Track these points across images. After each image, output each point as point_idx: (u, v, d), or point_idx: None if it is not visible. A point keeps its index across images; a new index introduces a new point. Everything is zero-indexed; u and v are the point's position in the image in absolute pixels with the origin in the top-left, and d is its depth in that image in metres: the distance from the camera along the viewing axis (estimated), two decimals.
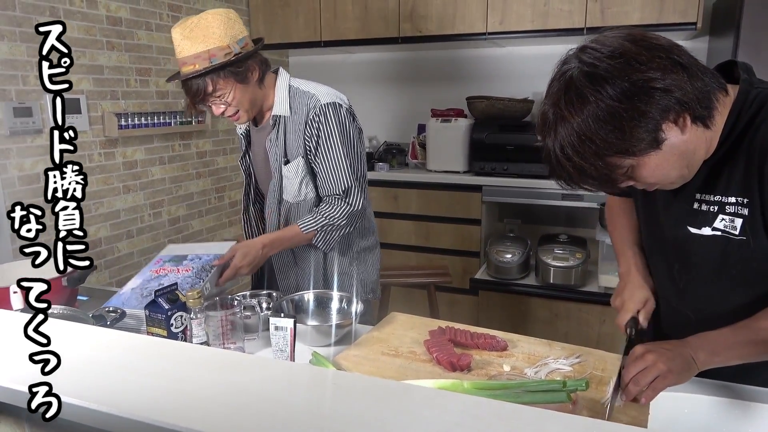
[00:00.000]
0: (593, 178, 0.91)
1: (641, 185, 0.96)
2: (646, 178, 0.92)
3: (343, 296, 1.46)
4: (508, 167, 3.06)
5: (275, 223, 1.67)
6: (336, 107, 1.56)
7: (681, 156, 0.91)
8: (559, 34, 2.95)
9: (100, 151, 2.65)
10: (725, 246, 1.00)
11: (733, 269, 1.02)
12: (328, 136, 1.55)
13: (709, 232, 1.01)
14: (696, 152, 0.94)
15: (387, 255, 3.32)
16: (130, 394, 0.69)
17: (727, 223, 0.99)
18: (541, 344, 1.28)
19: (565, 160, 0.89)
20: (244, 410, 0.66)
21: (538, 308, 2.94)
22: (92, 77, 2.58)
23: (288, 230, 1.61)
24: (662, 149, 0.88)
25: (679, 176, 0.95)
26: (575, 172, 0.90)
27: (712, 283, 1.06)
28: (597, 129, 0.85)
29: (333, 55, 3.80)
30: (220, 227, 3.49)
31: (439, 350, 1.19)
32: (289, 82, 1.60)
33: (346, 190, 1.58)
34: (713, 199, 1.00)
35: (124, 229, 2.82)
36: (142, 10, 2.82)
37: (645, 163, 0.89)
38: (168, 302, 1.22)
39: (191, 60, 1.41)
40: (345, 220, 1.59)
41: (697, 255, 1.05)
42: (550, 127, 0.90)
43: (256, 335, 1.37)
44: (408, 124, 3.68)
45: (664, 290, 1.16)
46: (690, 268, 1.08)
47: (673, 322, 1.17)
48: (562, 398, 0.90)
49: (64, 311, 1.35)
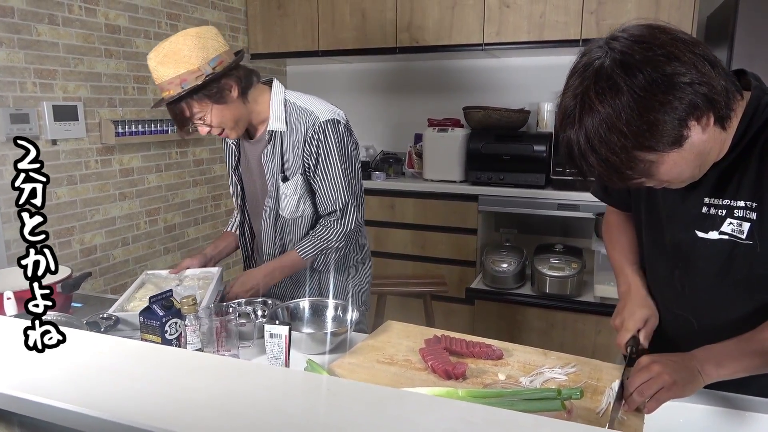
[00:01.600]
0: (614, 171, 0.88)
1: (651, 182, 0.94)
2: (661, 176, 0.90)
3: (338, 304, 1.45)
4: (504, 177, 3.07)
5: (270, 238, 1.66)
6: (335, 124, 1.54)
7: (698, 156, 0.90)
8: (555, 46, 2.97)
9: (97, 158, 2.65)
10: (731, 250, 1.00)
11: (738, 274, 1.01)
12: (328, 154, 1.54)
13: (716, 236, 1.01)
14: (710, 153, 0.93)
15: (383, 264, 3.32)
16: (124, 400, 0.69)
17: (735, 227, 0.99)
18: (537, 353, 1.28)
19: (589, 152, 0.86)
20: (238, 417, 0.65)
21: (533, 318, 2.94)
22: (90, 84, 2.59)
23: (287, 258, 1.61)
24: (684, 147, 0.86)
25: (690, 176, 0.94)
26: (597, 164, 0.87)
27: (715, 288, 1.06)
28: (628, 120, 0.82)
29: (330, 65, 3.82)
30: (215, 235, 3.48)
31: (435, 358, 1.19)
32: (285, 96, 1.57)
33: (344, 207, 1.58)
34: (722, 203, 1.00)
35: (119, 237, 2.81)
36: (141, 18, 2.83)
37: (664, 161, 0.87)
38: (162, 309, 1.22)
39: (166, 86, 1.42)
40: (342, 243, 1.61)
41: (702, 259, 1.04)
42: (572, 118, 0.87)
43: (250, 342, 1.36)
44: (405, 133, 3.69)
45: (665, 297, 1.16)
46: (693, 272, 1.07)
47: (675, 330, 1.16)
48: (557, 406, 0.90)
49: (58, 318, 1.34)
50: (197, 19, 3.19)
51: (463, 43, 3.14)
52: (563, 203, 2.90)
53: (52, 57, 2.40)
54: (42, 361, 0.80)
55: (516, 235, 3.29)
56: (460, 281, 3.12)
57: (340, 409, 0.67)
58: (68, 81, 2.48)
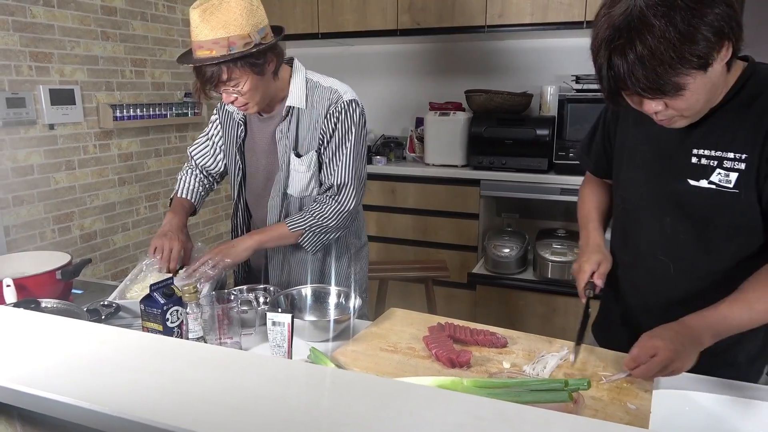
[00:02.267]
0: (654, 79, 0.92)
1: (666, 111, 1.00)
2: (681, 101, 0.96)
3: (341, 291, 1.44)
4: (506, 161, 3.04)
5: (275, 216, 1.62)
6: (356, 105, 1.55)
7: (712, 87, 0.98)
8: (559, 28, 2.93)
9: (95, 143, 2.63)
10: (718, 198, 1.08)
11: (721, 221, 1.10)
12: (345, 132, 1.54)
13: (705, 184, 1.09)
14: (717, 91, 1.01)
15: (384, 249, 3.31)
16: (124, 393, 0.68)
17: (722, 177, 1.07)
18: (541, 341, 1.27)
19: (632, 56, 0.91)
20: (240, 409, 0.64)
21: (535, 303, 2.93)
22: (87, 68, 2.55)
23: (276, 229, 1.56)
24: (707, 74, 0.93)
25: (700, 110, 1.02)
26: (644, 77, 0.92)
27: (700, 234, 1.13)
28: (675, 29, 0.89)
29: (330, 48, 3.77)
30: (216, 220, 3.47)
31: (439, 347, 1.18)
32: (306, 75, 1.57)
33: (342, 185, 1.55)
34: (713, 154, 1.08)
35: (119, 222, 2.80)
36: (138, 0, 2.78)
37: (691, 83, 0.93)
38: (164, 297, 1.20)
39: (209, 45, 1.34)
40: (334, 221, 1.56)
41: (691, 206, 1.13)
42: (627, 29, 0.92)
43: (252, 330, 1.35)
44: (406, 117, 3.66)
45: (650, 244, 1.22)
46: (683, 219, 1.15)
47: (652, 275, 1.23)
48: (564, 398, 0.89)
49: (58, 305, 1.33)
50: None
51: (466, 25, 3.09)
52: (565, 188, 2.87)
53: (47, 40, 2.37)
54: (42, 353, 0.78)
55: (518, 219, 3.28)
56: (462, 266, 3.11)
57: (344, 403, 0.66)
58: (64, 64, 2.45)
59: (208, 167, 1.78)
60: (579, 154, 1.46)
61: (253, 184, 1.68)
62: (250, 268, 1.78)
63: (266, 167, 1.62)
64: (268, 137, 1.59)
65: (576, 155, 1.43)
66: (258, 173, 1.65)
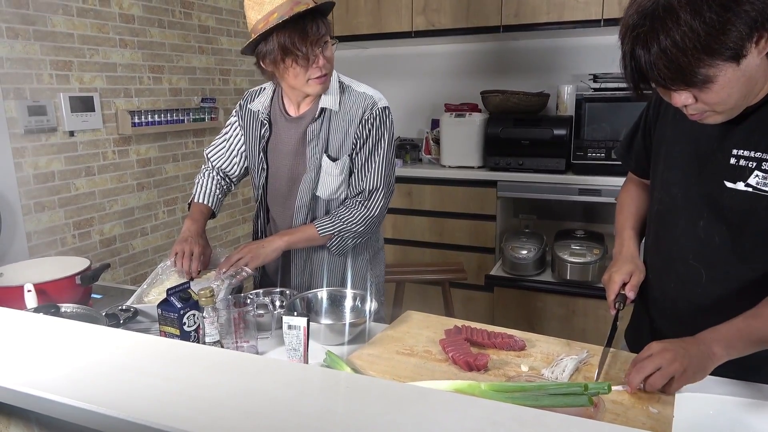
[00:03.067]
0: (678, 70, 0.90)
1: (697, 105, 0.96)
2: (712, 94, 0.92)
3: (357, 294, 1.44)
4: (523, 162, 3.02)
5: (302, 218, 1.61)
6: (389, 113, 1.58)
7: (748, 81, 0.93)
8: (575, 27, 2.90)
9: (114, 149, 2.66)
10: (755, 202, 1.02)
11: (758, 226, 1.04)
12: (378, 139, 1.55)
13: (742, 186, 1.04)
14: (756, 86, 0.96)
15: (401, 251, 3.30)
16: (140, 398, 0.68)
17: (760, 180, 1.01)
18: (560, 344, 1.25)
19: (655, 45, 0.89)
20: (256, 415, 0.64)
21: (554, 305, 2.90)
22: (105, 75, 2.59)
23: (305, 231, 1.57)
24: (740, 66, 0.89)
25: (734, 105, 0.96)
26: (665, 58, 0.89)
27: (735, 239, 1.08)
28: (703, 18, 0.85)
29: (345, 51, 3.78)
30: (234, 224, 3.49)
31: (456, 350, 1.17)
32: (339, 78, 1.58)
33: (373, 190, 1.56)
34: (752, 155, 1.02)
35: (138, 227, 2.83)
36: (155, 8, 2.81)
37: (721, 75, 0.90)
38: (180, 301, 1.21)
39: (305, 0, 1.39)
40: (363, 227, 1.57)
41: (726, 209, 1.07)
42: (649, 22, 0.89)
43: (269, 334, 1.35)
44: (421, 119, 3.65)
45: (682, 249, 1.17)
46: (718, 222, 1.10)
47: (683, 282, 1.18)
48: (584, 402, 0.87)
49: (77, 310, 1.35)
50: (211, 7, 3.17)
51: (481, 26, 3.08)
52: (584, 188, 2.84)
53: (67, 48, 2.40)
54: (60, 358, 0.79)
55: (535, 221, 3.25)
56: (479, 268, 3.09)
57: (360, 408, 0.65)
58: (84, 72, 2.49)
59: (225, 169, 1.78)
60: (620, 152, 1.41)
61: (275, 186, 1.67)
62: (265, 271, 1.78)
63: (291, 168, 1.61)
64: (296, 138, 1.59)
65: (616, 153, 1.39)
66: (282, 175, 1.64)
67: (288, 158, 1.61)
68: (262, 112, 1.63)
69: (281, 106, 1.62)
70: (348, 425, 0.61)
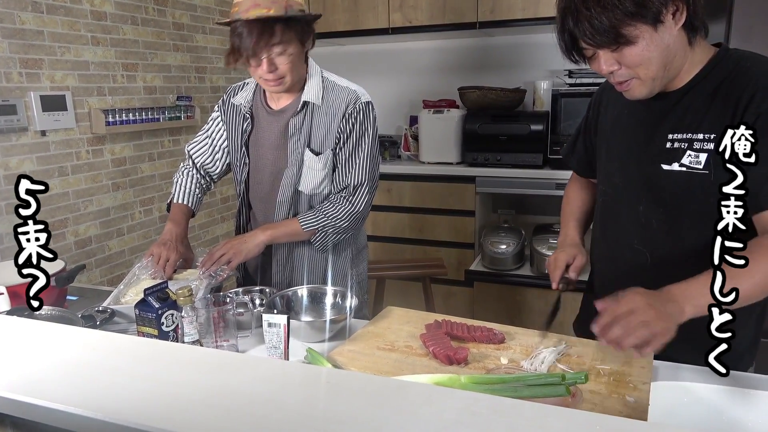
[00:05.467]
0: (603, 31, 1.00)
1: (622, 72, 1.06)
2: (634, 55, 1.02)
3: (337, 291, 1.44)
4: (501, 158, 3.04)
5: (284, 213, 1.60)
6: (372, 108, 1.58)
7: (666, 50, 1.03)
8: (550, 22, 2.91)
9: (88, 149, 2.61)
10: (688, 181, 1.09)
11: (693, 204, 1.10)
12: (362, 134, 1.55)
13: (677, 167, 1.10)
14: (675, 61, 1.06)
15: (381, 248, 3.31)
16: (118, 398, 0.67)
17: (692, 159, 1.08)
18: (538, 336, 1.26)
19: (583, 8, 1.00)
20: (235, 412, 0.64)
21: (533, 298, 2.93)
22: (78, 73, 2.54)
23: (288, 225, 1.56)
24: (658, 31, 1.00)
25: (655, 74, 1.05)
26: (589, 20, 0.99)
27: (674, 219, 1.14)
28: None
29: (322, 48, 3.76)
30: (212, 223, 3.46)
31: (436, 344, 1.18)
32: (322, 73, 1.58)
33: (357, 186, 1.56)
34: (684, 136, 1.10)
35: (114, 227, 2.79)
36: (128, 4, 2.77)
37: (642, 37, 1.00)
38: (158, 301, 1.20)
39: (266, 3, 1.36)
40: (347, 223, 1.57)
41: (664, 191, 1.13)
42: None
43: (249, 332, 1.34)
44: (400, 115, 3.66)
45: (627, 233, 1.23)
46: (656, 205, 1.16)
47: (629, 264, 1.24)
48: (562, 392, 0.89)
49: (53, 312, 1.32)
50: (185, 4, 3.13)
51: (457, 22, 3.09)
52: (561, 183, 2.87)
53: (37, 46, 2.35)
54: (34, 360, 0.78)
55: (514, 215, 3.28)
56: (459, 263, 3.11)
57: (340, 402, 0.65)
58: (55, 70, 2.44)
59: (206, 166, 1.75)
60: (564, 153, 1.51)
61: (258, 180, 1.65)
62: (246, 269, 1.77)
63: (274, 163, 1.60)
64: (277, 132, 1.58)
65: (562, 154, 1.48)
66: (264, 169, 1.62)
67: (270, 152, 1.60)
68: (244, 106, 1.62)
69: (263, 99, 1.61)
70: (328, 419, 0.61)
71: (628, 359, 1.12)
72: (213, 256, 1.47)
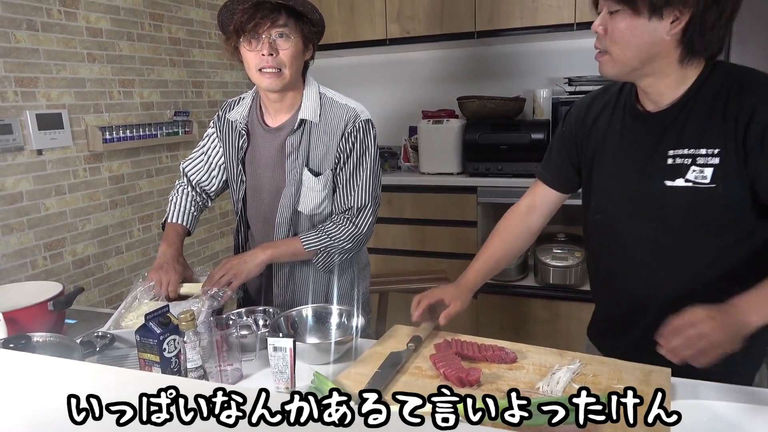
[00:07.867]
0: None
1: (603, 40, 1.09)
2: (615, 30, 1.05)
3: (342, 311, 1.40)
4: (502, 167, 3.02)
5: (284, 233, 1.56)
6: (372, 126, 1.54)
7: (649, 46, 1.05)
8: (549, 31, 2.91)
9: (85, 167, 2.58)
10: (695, 195, 1.09)
11: (703, 217, 1.11)
12: (362, 153, 1.51)
13: (682, 183, 1.10)
14: (655, 63, 1.07)
15: (383, 261, 3.27)
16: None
17: (698, 174, 1.08)
18: (552, 354, 1.23)
19: None
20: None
21: (538, 309, 2.90)
22: (74, 91, 2.51)
23: (290, 244, 1.52)
24: (649, 22, 1.02)
25: (627, 61, 1.07)
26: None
27: (682, 233, 1.14)
28: None
29: (320, 60, 3.74)
30: (212, 239, 3.42)
31: (447, 365, 1.14)
32: (319, 90, 1.54)
33: (361, 208, 1.52)
34: (687, 152, 1.10)
35: (112, 246, 2.75)
36: (123, 21, 2.75)
37: (629, 17, 1.03)
38: (160, 326, 1.16)
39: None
40: (350, 244, 1.53)
41: (669, 207, 1.13)
42: None
43: (253, 355, 1.31)
44: (399, 126, 3.63)
45: (634, 250, 1.22)
46: (663, 222, 1.15)
47: (642, 276, 1.23)
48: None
49: (50, 339, 1.28)
50: (181, 19, 3.11)
51: (455, 32, 3.08)
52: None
53: (32, 64, 2.33)
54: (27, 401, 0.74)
55: None
56: None
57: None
58: (51, 88, 2.41)
59: (202, 183, 1.71)
60: (540, 167, 1.46)
61: (256, 199, 1.61)
62: (247, 291, 1.73)
63: (271, 181, 1.56)
64: (274, 150, 1.54)
65: (537, 172, 1.47)
66: (262, 187, 1.58)
67: (267, 170, 1.56)
68: (240, 122, 1.57)
69: (259, 116, 1.57)
70: None
71: (646, 377, 1.09)
72: (213, 277, 1.44)
